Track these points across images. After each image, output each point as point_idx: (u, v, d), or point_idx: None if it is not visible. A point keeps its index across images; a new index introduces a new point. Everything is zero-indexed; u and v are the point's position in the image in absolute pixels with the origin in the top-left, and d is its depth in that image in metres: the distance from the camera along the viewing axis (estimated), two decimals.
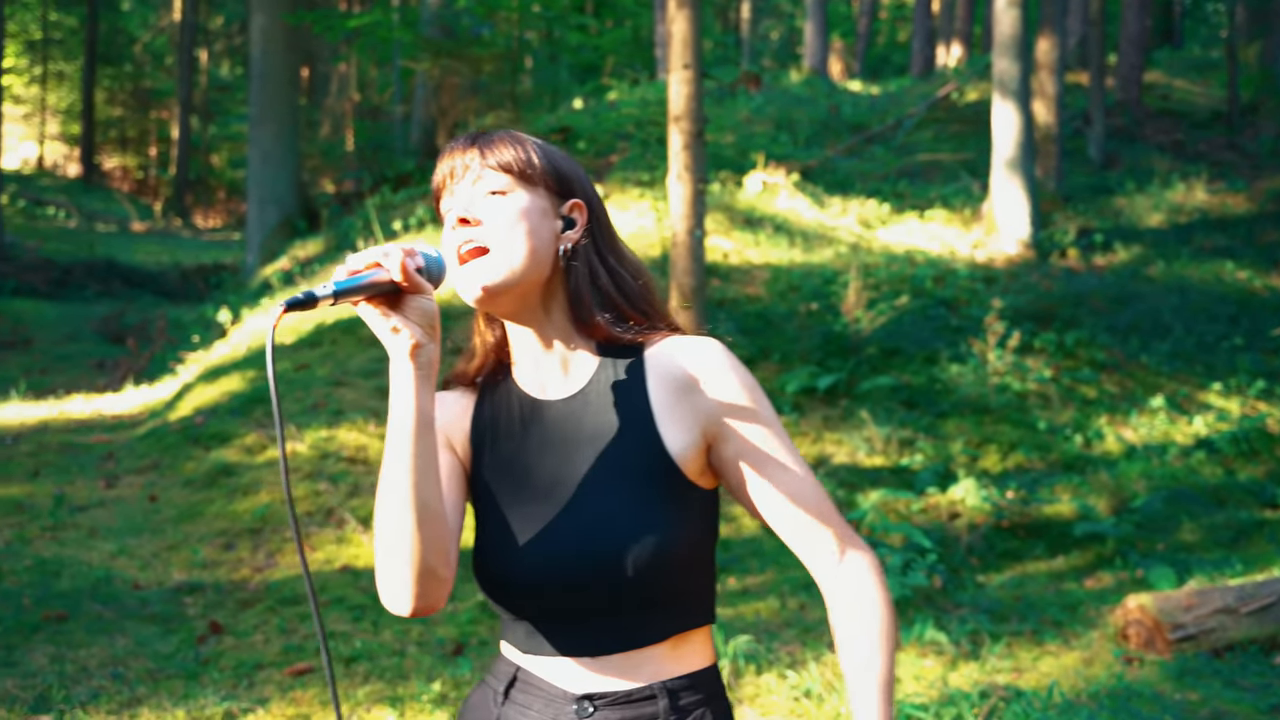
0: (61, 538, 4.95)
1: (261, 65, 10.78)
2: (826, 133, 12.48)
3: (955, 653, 4.55)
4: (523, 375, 1.40)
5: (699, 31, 5.68)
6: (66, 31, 26.74)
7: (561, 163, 1.37)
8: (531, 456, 1.36)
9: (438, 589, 1.28)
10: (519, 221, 1.30)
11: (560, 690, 1.32)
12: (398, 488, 1.24)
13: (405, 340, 1.21)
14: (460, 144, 1.35)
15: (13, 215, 17.77)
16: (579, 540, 1.29)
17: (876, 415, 6.63)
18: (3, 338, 9.97)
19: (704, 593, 1.36)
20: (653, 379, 1.34)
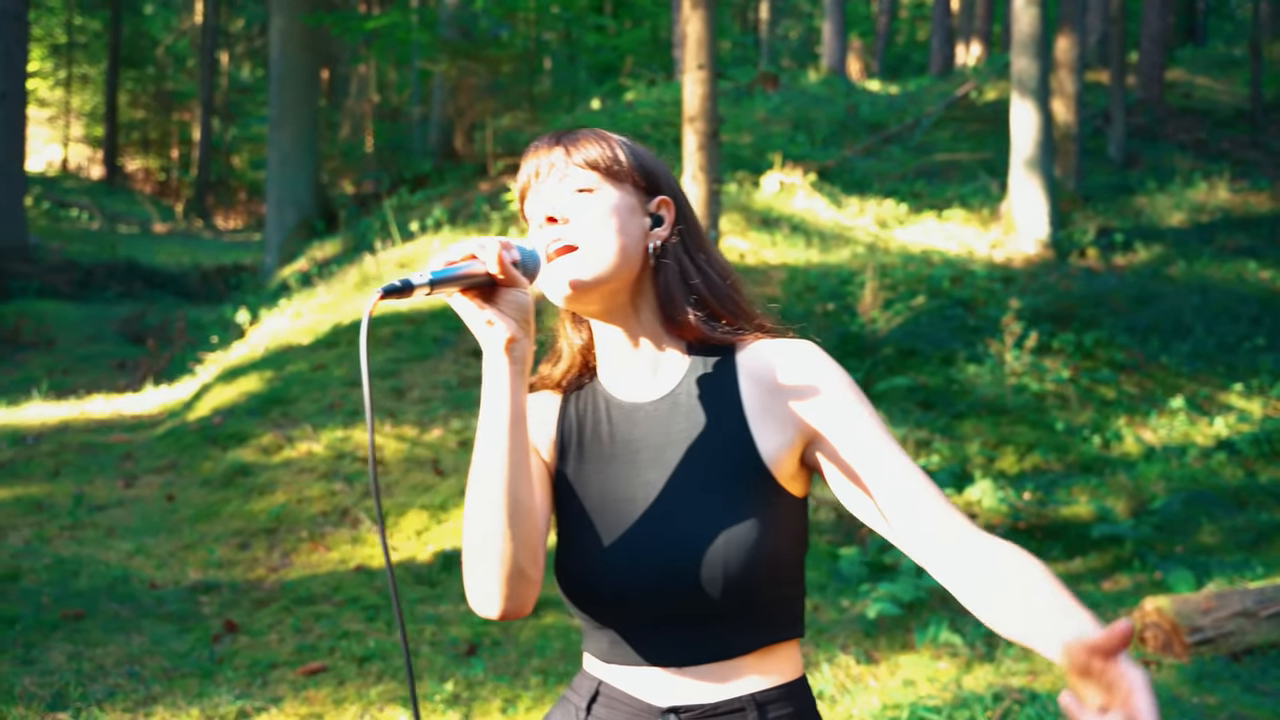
0: (80, 537, 4.99)
1: (280, 67, 10.84)
2: (844, 132, 12.44)
3: (970, 655, 4.53)
4: (609, 377, 1.37)
5: (714, 32, 5.68)
6: (90, 35, 26.99)
7: (648, 160, 1.35)
8: (620, 460, 1.32)
9: (527, 590, 1.26)
10: (608, 218, 1.28)
11: (645, 703, 1.28)
12: (490, 484, 1.22)
13: (500, 334, 1.19)
14: (545, 142, 1.34)
15: (37, 217, 17.95)
16: (669, 548, 1.25)
17: (893, 416, 6.60)
18: (26, 338, 10.07)
19: (794, 603, 1.31)
20: (745, 380, 1.30)
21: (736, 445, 1.27)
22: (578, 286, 1.27)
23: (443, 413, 6.38)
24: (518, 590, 1.24)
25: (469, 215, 9.90)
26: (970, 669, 4.44)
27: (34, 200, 19.09)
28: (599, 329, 1.35)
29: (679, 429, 1.30)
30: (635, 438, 1.32)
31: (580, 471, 1.34)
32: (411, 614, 4.42)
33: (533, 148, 1.35)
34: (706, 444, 1.28)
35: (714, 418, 1.29)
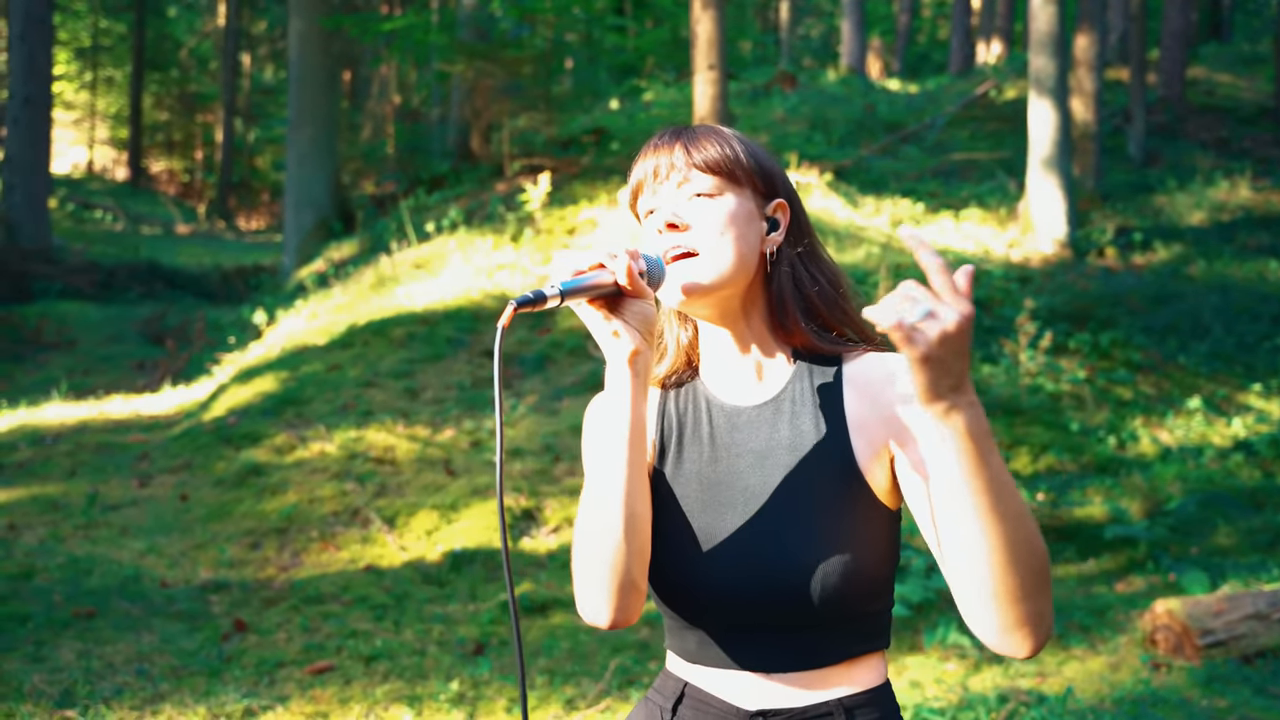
0: (94, 536, 5.05)
1: (299, 69, 10.91)
2: (861, 132, 12.40)
3: (978, 657, 4.51)
4: (713, 378, 1.36)
5: (724, 32, 5.68)
6: (115, 38, 27.25)
7: (766, 161, 1.34)
8: (720, 462, 1.32)
9: (637, 600, 1.27)
10: (728, 226, 1.28)
11: (732, 706, 1.28)
12: (610, 497, 1.23)
13: (626, 345, 1.20)
14: (665, 140, 1.32)
15: (61, 219, 18.14)
16: (767, 557, 1.25)
17: None
18: (47, 339, 10.18)
19: (883, 615, 1.31)
20: (850, 392, 1.30)
21: (837, 456, 1.27)
22: (693, 292, 1.27)
23: (455, 413, 6.41)
24: (629, 601, 1.26)
25: (485, 216, 9.93)
26: (978, 670, 4.42)
27: (59, 202, 19.29)
28: (706, 329, 1.35)
29: (782, 436, 1.30)
30: (737, 441, 1.31)
31: (679, 472, 1.33)
32: (420, 614, 4.44)
33: (652, 145, 1.34)
34: (808, 453, 1.28)
35: (817, 427, 1.29)
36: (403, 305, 8.18)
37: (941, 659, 4.49)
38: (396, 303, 8.29)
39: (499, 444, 1.18)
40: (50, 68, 15.02)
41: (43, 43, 14.15)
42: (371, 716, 3.64)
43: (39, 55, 13.99)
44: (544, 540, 5.32)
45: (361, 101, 23.07)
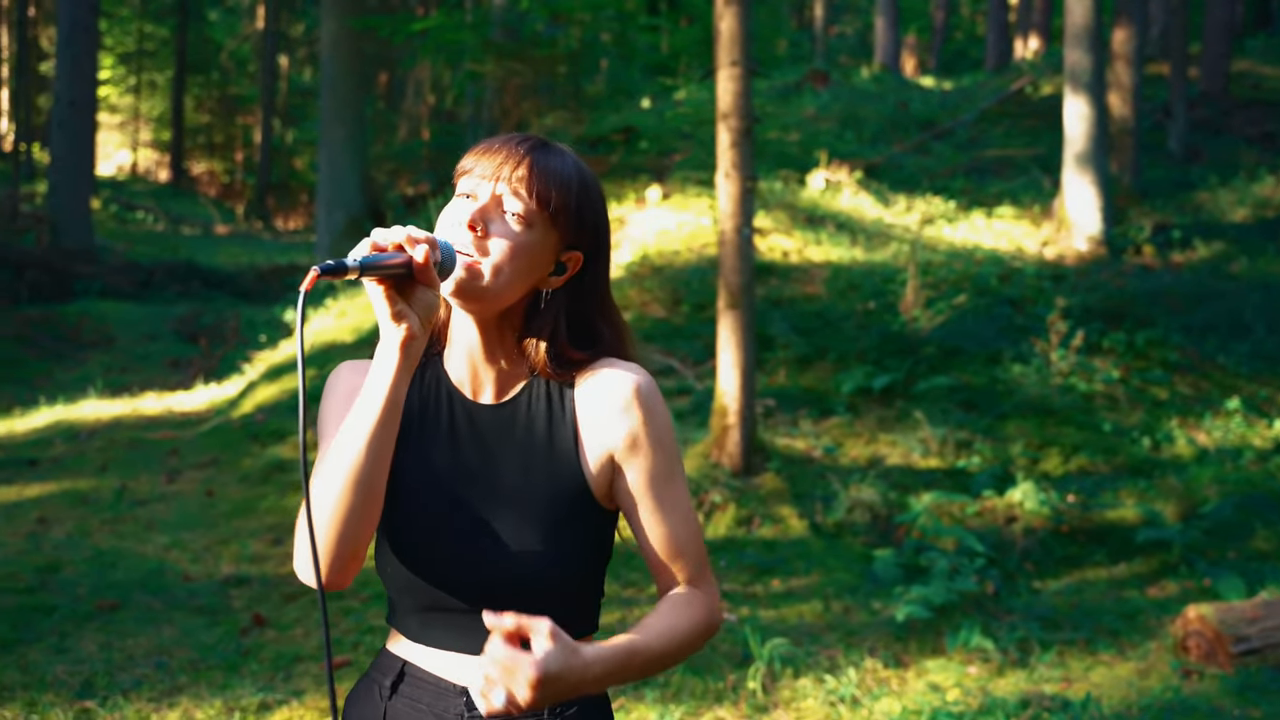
0: (120, 530, 5.11)
1: (331, 70, 11.01)
2: (894, 129, 12.29)
3: (1002, 660, 4.44)
4: (456, 371, 1.42)
5: (748, 28, 5.63)
6: (158, 42, 27.67)
7: (590, 215, 1.39)
8: (453, 454, 1.39)
9: (355, 568, 1.33)
10: (522, 257, 1.33)
11: (450, 683, 1.36)
12: (349, 467, 1.27)
13: (402, 330, 1.24)
14: (519, 149, 1.35)
15: (105, 219, 18.44)
16: (492, 549, 1.34)
17: (933, 416, 6.50)
18: (87, 337, 10.34)
19: (591, 604, 1.43)
20: (580, 401, 1.39)
21: (565, 464, 1.37)
22: (461, 293, 1.32)
23: None
24: (349, 566, 1.31)
25: None
26: (1002, 674, 4.35)
27: (102, 203, 19.61)
28: (460, 320, 1.39)
29: (514, 438, 1.39)
30: (474, 436, 1.39)
31: (413, 456, 1.38)
32: None
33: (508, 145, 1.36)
34: (539, 458, 1.38)
35: (547, 433, 1.38)
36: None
37: (963, 662, 4.42)
38: None
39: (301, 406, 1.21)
40: (95, 72, 15.27)
41: (87, 48, 14.38)
42: None
43: (83, 60, 14.22)
44: None
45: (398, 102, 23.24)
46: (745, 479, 5.76)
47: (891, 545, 5.46)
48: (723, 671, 4.19)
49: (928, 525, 5.49)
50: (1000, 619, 4.85)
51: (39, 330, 10.02)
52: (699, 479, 5.68)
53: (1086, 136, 9.32)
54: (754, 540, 5.38)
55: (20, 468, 6.27)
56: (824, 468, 6.03)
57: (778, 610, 4.81)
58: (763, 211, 9.16)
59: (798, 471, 5.96)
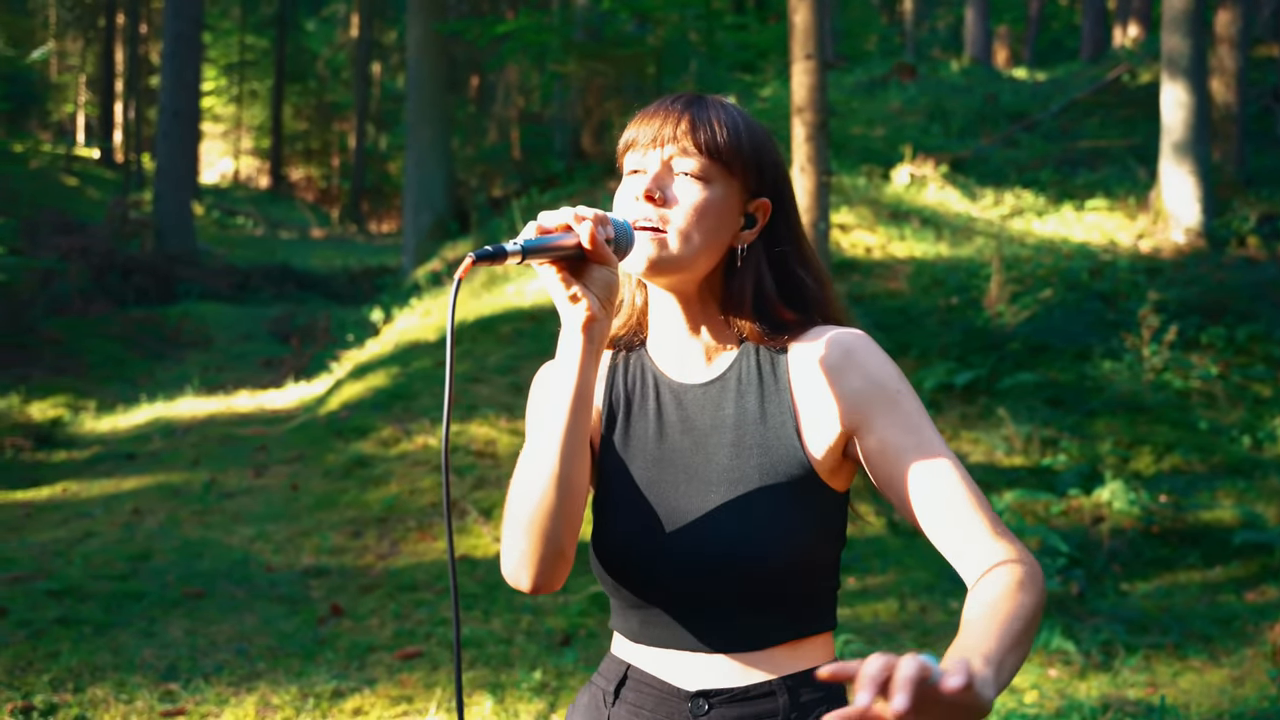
0: (208, 521, 5.29)
1: (417, 75, 11.22)
2: (982, 122, 12.02)
3: (1084, 663, 4.31)
4: (660, 352, 1.35)
5: (820, 21, 5.57)
6: (259, 53, 28.55)
7: (765, 155, 1.31)
8: (666, 439, 1.31)
9: (563, 569, 1.28)
10: (704, 216, 1.25)
11: (674, 687, 1.27)
12: (545, 461, 1.22)
13: (581, 311, 1.19)
14: (674, 109, 1.28)
15: (207, 225, 19.10)
16: (706, 537, 1.24)
17: (1018, 413, 6.34)
18: (186, 337, 10.73)
19: (827, 598, 1.31)
20: (795, 371, 1.28)
21: (781, 437, 1.25)
22: (654, 268, 1.26)
23: None
24: (555, 568, 1.26)
25: None
26: (1083, 678, 4.22)
27: (205, 210, 20.32)
28: (658, 300, 1.33)
29: (726, 415, 1.29)
30: (682, 419, 1.31)
31: (625, 446, 1.32)
32: (509, 603, 4.49)
33: (661, 108, 1.29)
34: (752, 433, 1.27)
35: (762, 407, 1.28)
36: (511, 302, 8.30)
37: (1042, 664, 4.30)
38: (505, 300, 8.43)
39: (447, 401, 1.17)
40: (198, 83, 15.84)
41: (190, 60, 14.92)
42: (454, 701, 3.70)
43: (186, 72, 14.76)
44: None
45: (488, 105, 23.57)
46: None
47: None
48: None
49: (1010, 524, 5.36)
50: (1083, 621, 4.71)
51: (142, 331, 10.43)
52: None
53: (1185, 124, 8.98)
54: None
55: (120, 461, 6.53)
56: None
57: (852, 609, 4.75)
58: (845, 207, 9.05)
59: None
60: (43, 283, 10.44)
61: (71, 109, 29.28)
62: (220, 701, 3.60)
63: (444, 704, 3.67)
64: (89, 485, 6.03)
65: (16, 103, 20.79)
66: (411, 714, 3.62)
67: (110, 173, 21.86)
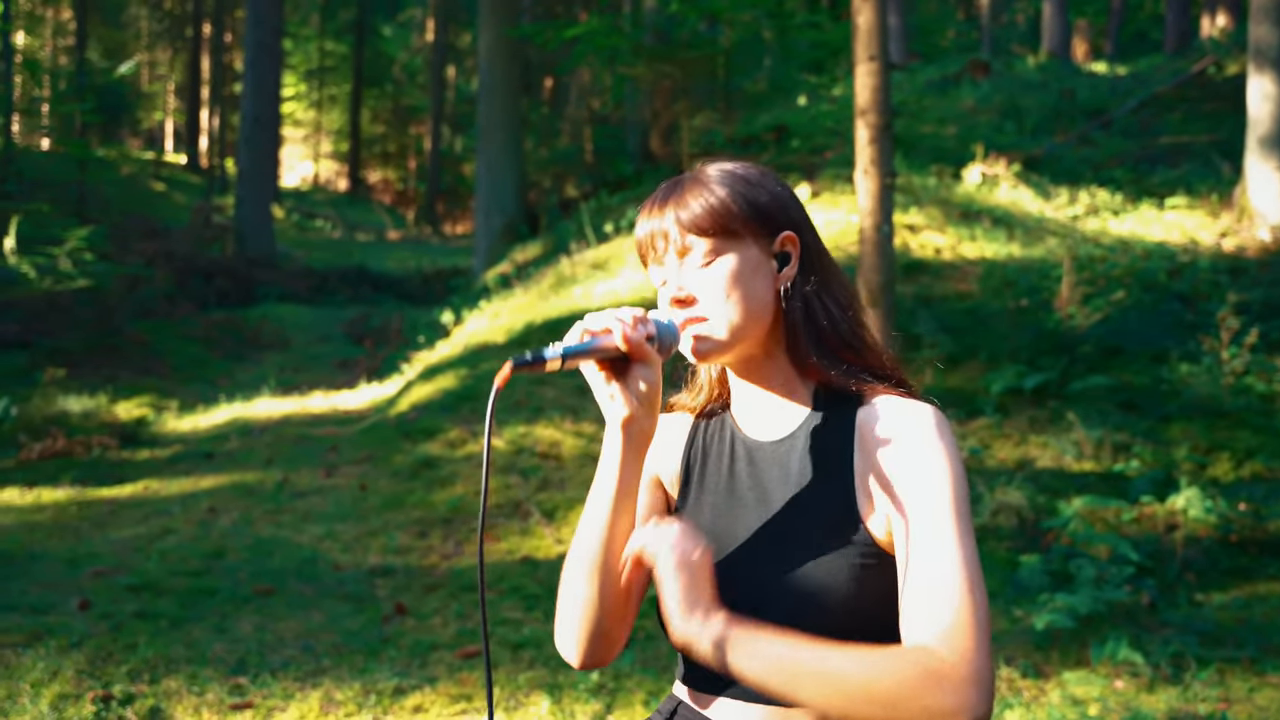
0: (280, 520, 5.44)
1: (489, 79, 11.36)
2: (1058, 119, 11.76)
3: (1153, 675, 4.21)
4: (740, 411, 1.38)
5: (885, 21, 5.52)
6: (338, 59, 29.16)
7: (763, 196, 1.31)
8: (734, 495, 1.34)
9: (609, 649, 1.33)
10: (733, 288, 1.27)
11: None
12: (587, 553, 1.29)
13: (620, 410, 1.24)
14: (655, 207, 1.32)
15: (287, 228, 19.58)
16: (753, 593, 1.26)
17: (1088, 417, 6.20)
18: (265, 339, 11.02)
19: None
20: (859, 440, 1.28)
21: (838, 502, 1.26)
22: (707, 354, 1.29)
23: None
24: (598, 647, 1.32)
25: None
26: (1151, 691, 4.13)
27: (285, 213, 20.82)
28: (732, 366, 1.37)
29: (790, 475, 1.31)
30: (749, 475, 1.33)
31: (696, 501, 1.37)
32: None
33: (645, 209, 1.34)
34: (811, 495, 1.28)
35: (823, 470, 1.28)
36: (579, 304, 8.37)
37: (1109, 676, 4.21)
38: (573, 302, 8.50)
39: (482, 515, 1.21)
40: (278, 90, 16.24)
41: (271, 67, 15.32)
42: (512, 701, 3.76)
43: (267, 79, 15.16)
44: None
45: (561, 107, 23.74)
46: None
47: (1038, 551, 5.25)
48: None
49: (1078, 531, 5.25)
50: (1153, 632, 4.60)
51: (222, 333, 10.74)
52: None
53: (1272, 117, 8.69)
54: None
55: (198, 460, 6.75)
56: (969, 470, 5.85)
57: None
58: (915, 208, 8.95)
59: None
60: (130, 287, 10.81)
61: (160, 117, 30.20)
62: (286, 696, 3.71)
63: (501, 702, 3.73)
64: (168, 483, 6.24)
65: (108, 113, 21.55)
66: (470, 712, 3.68)
67: (196, 178, 22.53)
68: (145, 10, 26.36)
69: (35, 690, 3.63)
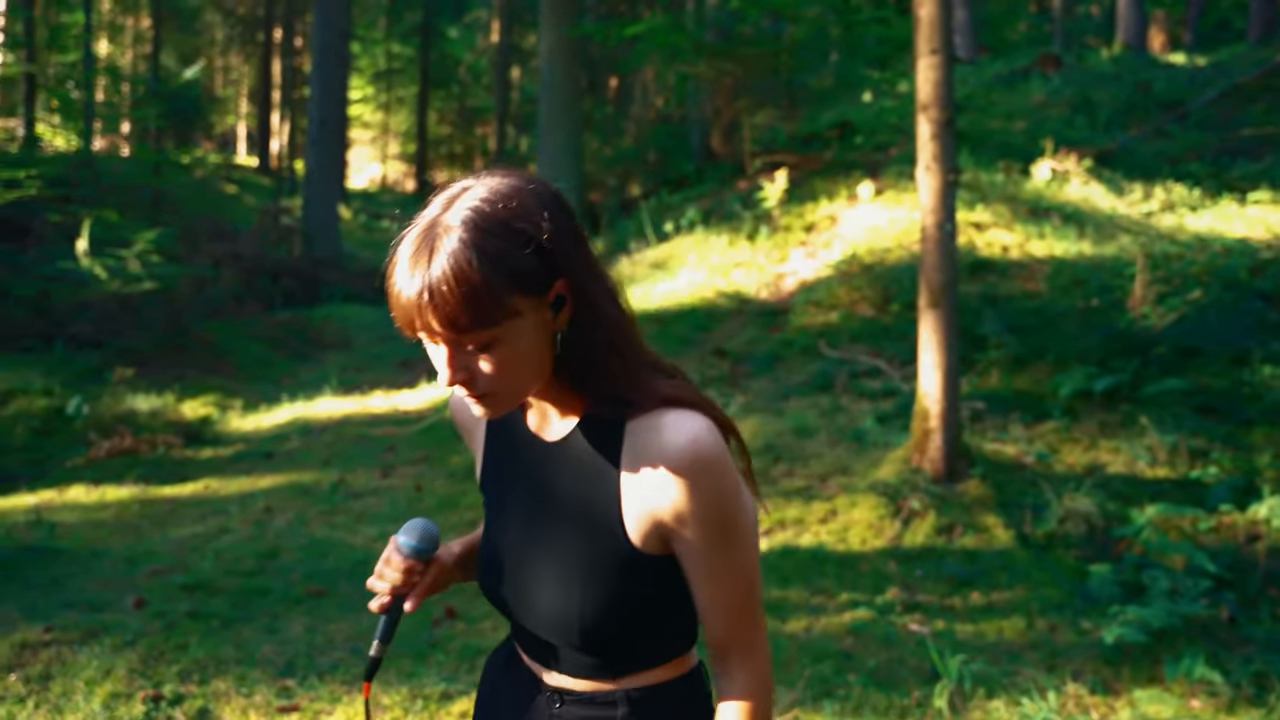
0: (334, 521, 5.45)
1: (549, 78, 11.35)
2: (1131, 112, 11.39)
3: (1232, 695, 4.01)
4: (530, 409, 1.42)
5: (948, 14, 5.36)
6: (405, 61, 29.50)
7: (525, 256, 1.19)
8: (520, 487, 1.41)
9: None
10: (515, 370, 1.24)
11: (537, 678, 1.42)
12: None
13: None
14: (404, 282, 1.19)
15: (354, 229, 19.83)
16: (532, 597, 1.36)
17: (1163, 421, 5.97)
18: (329, 339, 11.13)
19: (675, 636, 1.38)
20: (627, 457, 1.29)
21: (603, 520, 1.31)
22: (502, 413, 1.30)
23: None
24: None
25: (722, 215, 9.93)
26: (1232, 711, 3.93)
27: (353, 214, 21.09)
28: None
29: (564, 480, 1.35)
30: (535, 471, 1.38)
31: (494, 481, 1.45)
32: None
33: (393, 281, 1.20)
34: (579, 504, 1.33)
35: (592, 481, 1.32)
36: (638, 304, 8.30)
37: (1185, 695, 4.02)
38: (633, 302, 8.41)
39: None
40: (344, 92, 16.44)
41: (337, 70, 15.50)
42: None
43: (333, 82, 15.34)
44: None
45: (627, 106, 23.71)
46: (947, 485, 5.49)
47: (1108, 561, 5.05)
48: (908, 687, 4.01)
49: (1152, 540, 5.04)
50: (1232, 649, 4.39)
51: (287, 332, 10.88)
52: (897, 484, 5.46)
53: None
54: (954, 550, 5.11)
55: (258, 460, 6.81)
56: (1036, 475, 5.66)
57: (976, 625, 4.55)
58: (981, 205, 8.73)
59: (1006, 478, 5.63)
60: (198, 288, 11.00)
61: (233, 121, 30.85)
62: (333, 700, 3.70)
63: None
64: (228, 482, 6.31)
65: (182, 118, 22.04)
66: None
67: (267, 180, 22.94)
68: (219, 16, 26.94)
69: (89, 688, 3.66)
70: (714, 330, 8.19)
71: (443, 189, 1.27)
